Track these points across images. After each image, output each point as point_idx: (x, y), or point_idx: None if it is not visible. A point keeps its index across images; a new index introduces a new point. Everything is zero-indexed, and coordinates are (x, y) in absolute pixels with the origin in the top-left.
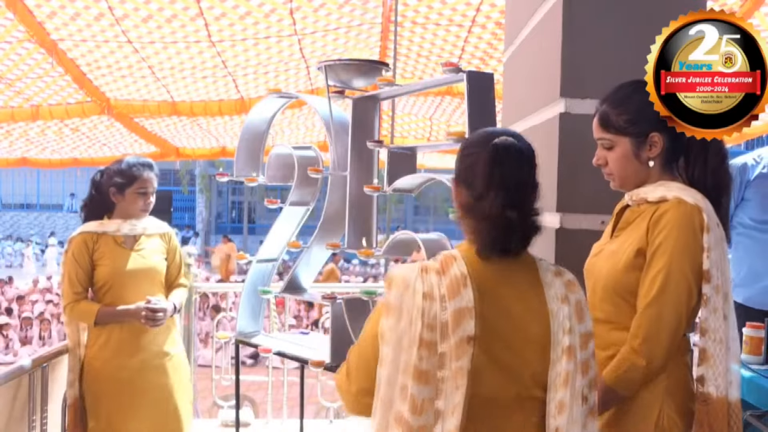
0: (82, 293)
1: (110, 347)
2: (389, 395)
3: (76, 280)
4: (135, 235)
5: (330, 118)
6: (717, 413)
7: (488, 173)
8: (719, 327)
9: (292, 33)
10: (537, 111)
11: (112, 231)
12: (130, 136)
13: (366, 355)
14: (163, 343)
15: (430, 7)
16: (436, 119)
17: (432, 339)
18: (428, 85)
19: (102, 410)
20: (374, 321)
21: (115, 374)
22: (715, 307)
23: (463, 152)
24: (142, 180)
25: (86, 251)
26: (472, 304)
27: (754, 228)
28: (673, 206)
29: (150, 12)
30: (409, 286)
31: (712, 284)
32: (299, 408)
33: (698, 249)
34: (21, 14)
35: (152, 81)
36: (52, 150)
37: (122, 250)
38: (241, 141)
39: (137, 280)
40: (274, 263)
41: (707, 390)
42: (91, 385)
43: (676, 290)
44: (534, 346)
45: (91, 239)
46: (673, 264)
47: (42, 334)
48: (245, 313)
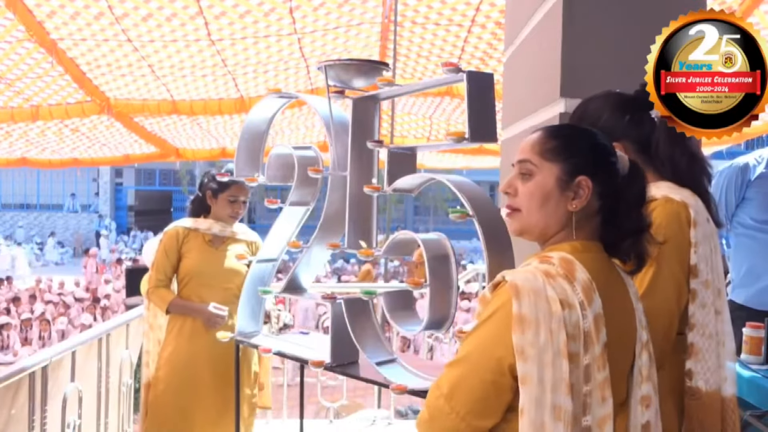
0: (164, 281)
1: (184, 334)
2: (540, 417)
3: (161, 268)
4: (224, 237)
5: (330, 118)
6: (707, 408)
7: None
8: (708, 322)
9: (291, 32)
10: (537, 111)
11: (204, 229)
12: (130, 136)
13: (476, 374)
14: None
15: (429, 7)
16: (436, 119)
17: (576, 350)
18: (428, 85)
19: (169, 393)
20: (488, 336)
21: (185, 359)
22: (703, 302)
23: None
24: (234, 188)
25: (176, 243)
26: (602, 310)
27: (755, 228)
28: (660, 204)
29: (149, 11)
30: (540, 294)
31: (701, 279)
32: (299, 408)
33: (685, 245)
34: (21, 14)
35: (152, 80)
36: (52, 150)
37: (208, 248)
38: (241, 141)
39: (215, 278)
40: (274, 263)
41: (696, 384)
42: (163, 367)
43: (664, 286)
44: (631, 344)
45: (183, 233)
46: (661, 262)
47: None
48: (245, 313)
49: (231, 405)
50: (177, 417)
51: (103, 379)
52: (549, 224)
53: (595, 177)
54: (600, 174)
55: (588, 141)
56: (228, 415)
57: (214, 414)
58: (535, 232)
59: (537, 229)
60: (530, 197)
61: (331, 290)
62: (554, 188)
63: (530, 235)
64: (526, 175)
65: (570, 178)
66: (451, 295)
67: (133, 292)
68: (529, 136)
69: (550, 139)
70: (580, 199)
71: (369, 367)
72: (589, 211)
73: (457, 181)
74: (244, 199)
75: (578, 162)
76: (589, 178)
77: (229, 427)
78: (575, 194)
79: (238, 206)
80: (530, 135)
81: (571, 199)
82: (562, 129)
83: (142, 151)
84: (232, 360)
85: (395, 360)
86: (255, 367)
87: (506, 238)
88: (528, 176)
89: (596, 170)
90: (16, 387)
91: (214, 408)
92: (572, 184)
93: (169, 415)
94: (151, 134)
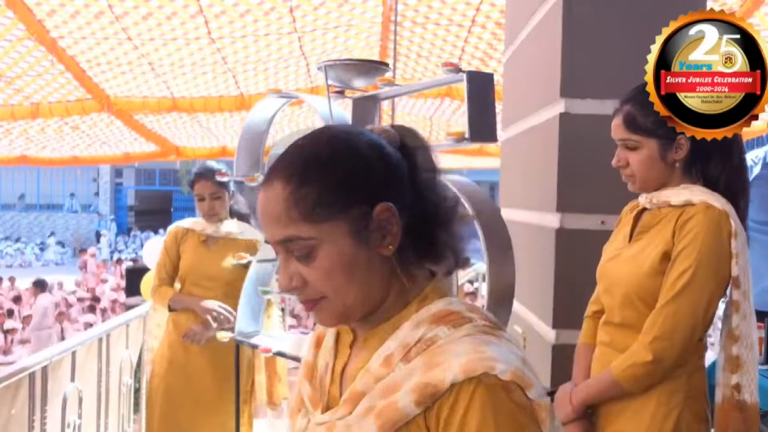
0: (165, 279)
1: (180, 332)
2: None
3: (162, 267)
4: (218, 237)
5: (330, 118)
6: (753, 420)
7: None
8: (750, 333)
9: (291, 31)
10: (537, 111)
11: (199, 229)
12: (130, 134)
13: None
14: None
15: (430, 7)
16: (437, 119)
17: None
18: (428, 85)
19: (162, 390)
20: None
21: (180, 357)
22: (745, 313)
23: None
24: (197, 186)
25: (175, 243)
26: None
27: (754, 229)
28: (701, 210)
29: (150, 9)
30: None
31: (741, 290)
32: None
33: (726, 256)
34: (20, 12)
35: (152, 77)
36: (52, 148)
37: (203, 248)
38: (241, 141)
39: (206, 279)
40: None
41: (743, 398)
42: (158, 363)
43: (697, 293)
44: None
45: (181, 232)
46: (698, 268)
47: None
48: (245, 313)
49: (228, 404)
50: (173, 414)
51: (103, 379)
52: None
53: None
54: None
55: None
56: (225, 413)
57: (210, 411)
58: (651, 188)
59: (653, 186)
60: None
61: None
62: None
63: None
64: (631, 149)
65: (670, 142)
66: None
67: (133, 292)
68: (622, 114)
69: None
70: (682, 150)
71: None
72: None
73: (457, 181)
74: (210, 194)
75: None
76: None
77: (226, 425)
78: (677, 150)
79: (204, 204)
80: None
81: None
82: None
83: (142, 149)
84: (228, 359)
85: None
86: (260, 378)
87: (506, 238)
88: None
89: None
90: (16, 387)
91: (210, 406)
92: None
93: (166, 412)
94: (151, 132)
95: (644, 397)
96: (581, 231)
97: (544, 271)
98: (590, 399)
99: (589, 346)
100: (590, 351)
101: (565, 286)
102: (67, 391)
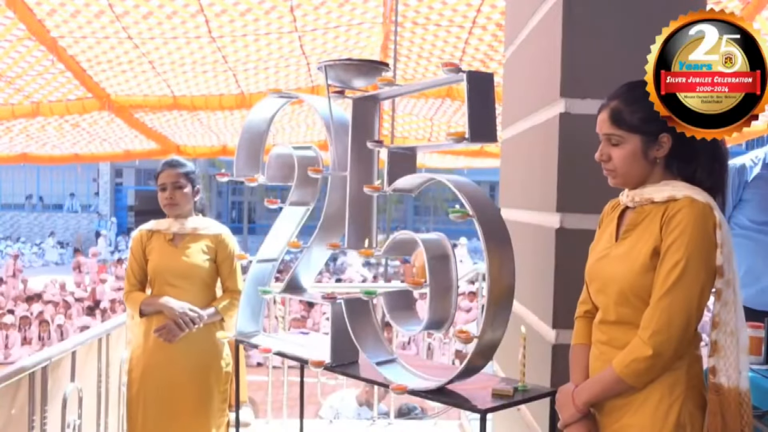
0: (135, 285)
1: (151, 336)
2: None
3: (131, 272)
4: (184, 234)
5: (330, 118)
6: (729, 403)
7: None
8: (730, 320)
9: (292, 30)
10: (537, 111)
11: (164, 229)
12: (130, 131)
13: None
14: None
15: (430, 8)
16: (437, 120)
17: None
18: (429, 85)
19: (142, 395)
20: None
21: (155, 360)
22: (726, 300)
23: None
24: (161, 175)
25: (140, 246)
26: None
27: (753, 229)
28: (686, 205)
29: (150, 9)
30: None
31: (725, 278)
32: (299, 408)
33: (712, 247)
34: (21, 12)
35: (153, 76)
36: (52, 146)
37: (169, 247)
38: (241, 141)
39: (177, 278)
40: (274, 263)
41: (719, 381)
42: (135, 368)
43: (689, 286)
44: None
45: (146, 235)
46: (689, 260)
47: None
48: (245, 313)
49: (206, 404)
50: (152, 418)
51: (103, 379)
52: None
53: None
54: None
55: None
56: (203, 413)
57: (190, 413)
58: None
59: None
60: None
61: (332, 290)
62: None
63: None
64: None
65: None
66: (451, 295)
67: None
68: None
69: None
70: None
71: (369, 367)
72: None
73: (457, 181)
74: (172, 183)
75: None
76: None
77: (205, 427)
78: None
79: (166, 194)
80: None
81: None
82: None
83: (142, 148)
84: (205, 360)
85: (395, 360)
86: (227, 367)
87: (506, 237)
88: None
89: None
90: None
91: (190, 407)
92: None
93: (145, 416)
94: (151, 130)
95: (647, 391)
96: (581, 231)
97: (544, 271)
98: (594, 398)
99: (584, 346)
100: (586, 351)
101: (565, 286)
102: (67, 391)
